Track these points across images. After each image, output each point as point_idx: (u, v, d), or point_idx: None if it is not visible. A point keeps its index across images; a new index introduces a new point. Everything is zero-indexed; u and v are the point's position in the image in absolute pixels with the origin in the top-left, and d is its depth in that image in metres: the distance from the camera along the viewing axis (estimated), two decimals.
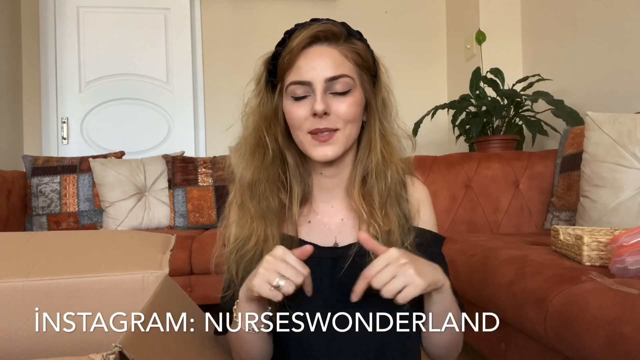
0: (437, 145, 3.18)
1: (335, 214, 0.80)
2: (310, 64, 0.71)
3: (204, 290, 1.95)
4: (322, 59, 0.71)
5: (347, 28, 0.74)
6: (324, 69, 0.71)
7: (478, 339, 1.39)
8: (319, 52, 0.72)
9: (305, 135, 0.73)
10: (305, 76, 0.71)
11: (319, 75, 0.70)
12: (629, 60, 1.99)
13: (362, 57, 0.74)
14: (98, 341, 0.66)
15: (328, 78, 0.70)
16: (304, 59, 0.71)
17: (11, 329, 0.65)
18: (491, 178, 1.99)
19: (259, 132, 0.76)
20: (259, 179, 0.75)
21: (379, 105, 0.77)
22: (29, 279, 0.66)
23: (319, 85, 0.70)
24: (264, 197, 0.75)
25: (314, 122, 0.71)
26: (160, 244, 0.79)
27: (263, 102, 0.76)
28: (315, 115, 0.70)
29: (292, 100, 0.73)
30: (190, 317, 0.75)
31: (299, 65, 0.71)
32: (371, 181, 0.75)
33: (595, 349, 0.78)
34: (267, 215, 0.74)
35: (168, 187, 2.42)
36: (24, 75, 3.05)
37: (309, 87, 0.71)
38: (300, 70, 0.71)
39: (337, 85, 0.71)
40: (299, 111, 0.72)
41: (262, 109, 0.76)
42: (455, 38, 3.23)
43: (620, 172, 1.43)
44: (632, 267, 0.90)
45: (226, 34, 3.22)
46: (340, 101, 0.71)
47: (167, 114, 3.18)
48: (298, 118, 0.72)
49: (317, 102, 0.69)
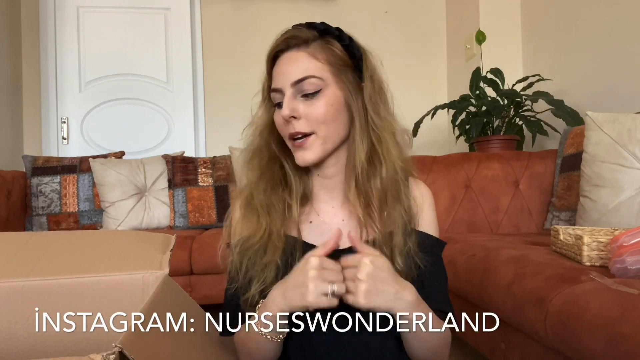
0: (437, 145, 3.18)
1: (337, 215, 0.80)
2: (280, 70, 0.74)
3: (204, 290, 1.95)
4: (289, 64, 0.73)
5: (321, 29, 0.74)
6: (291, 74, 0.72)
7: (478, 339, 1.39)
8: (286, 58, 0.74)
9: (288, 140, 0.75)
10: (277, 83, 0.74)
11: (286, 80, 0.72)
12: (629, 60, 1.99)
13: (337, 55, 0.74)
14: (98, 341, 0.66)
15: (293, 82, 0.72)
16: (277, 67, 0.75)
17: (11, 329, 0.65)
18: (491, 178, 1.99)
19: (258, 138, 0.79)
20: (261, 178, 0.78)
21: (367, 100, 0.75)
22: (29, 279, 0.66)
23: (287, 90, 0.72)
24: (266, 195, 0.77)
25: (287, 128, 0.73)
26: (160, 244, 0.79)
27: (262, 112, 0.80)
28: (286, 121, 0.73)
29: (275, 107, 0.76)
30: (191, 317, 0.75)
31: (273, 73, 0.75)
32: (362, 180, 0.74)
33: (595, 349, 0.78)
34: (270, 212, 0.76)
35: (168, 187, 2.42)
36: (24, 75, 3.05)
37: (281, 93, 0.73)
38: (274, 78, 0.75)
39: (304, 87, 0.72)
40: (277, 118, 0.75)
41: (262, 119, 0.80)
42: (455, 38, 3.23)
43: (620, 172, 1.43)
44: (632, 267, 0.90)
45: (226, 34, 3.22)
46: (310, 103, 0.72)
47: (167, 114, 3.18)
48: (278, 124, 0.75)
49: (283, 107, 0.72)
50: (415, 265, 0.73)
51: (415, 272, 0.73)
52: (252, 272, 0.73)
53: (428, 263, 0.75)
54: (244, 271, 0.73)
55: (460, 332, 1.50)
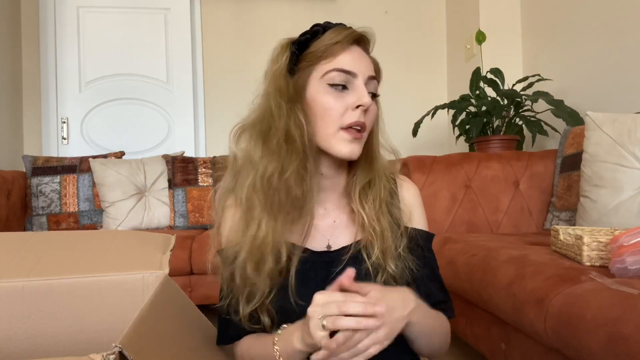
0: (437, 145, 3.18)
1: (328, 216, 0.80)
2: (355, 58, 0.72)
3: (204, 290, 1.95)
4: (364, 59, 0.73)
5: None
6: (368, 67, 0.72)
7: (478, 339, 1.39)
8: (359, 52, 0.74)
9: (337, 129, 0.70)
10: (353, 66, 0.71)
11: (364, 70, 0.72)
12: (629, 60, 1.99)
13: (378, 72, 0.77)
14: (98, 341, 0.66)
15: (371, 76, 0.72)
16: (348, 53, 0.72)
17: (11, 329, 0.65)
18: (491, 178, 1.99)
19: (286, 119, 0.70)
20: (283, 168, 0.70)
21: (379, 118, 0.79)
22: (29, 279, 0.66)
23: (363, 79, 0.71)
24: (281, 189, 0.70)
25: (353, 115, 0.69)
26: (160, 244, 0.79)
27: (284, 86, 0.71)
28: (358, 108, 0.70)
29: (331, 89, 0.70)
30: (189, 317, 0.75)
31: (344, 56, 0.71)
32: (372, 188, 0.77)
33: (595, 349, 0.78)
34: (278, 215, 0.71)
35: (168, 187, 2.42)
36: (24, 76, 3.05)
37: (353, 78, 0.71)
38: (346, 62, 0.71)
39: (372, 87, 0.73)
40: (338, 103, 0.70)
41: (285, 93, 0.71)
42: (455, 38, 3.23)
43: (620, 172, 1.43)
44: (632, 267, 0.90)
45: (226, 34, 3.22)
46: (373, 103, 0.74)
47: (167, 114, 3.18)
48: (335, 109, 0.69)
49: (365, 95, 0.69)
50: (408, 268, 0.74)
51: (409, 275, 0.74)
52: (249, 286, 0.71)
53: (420, 262, 0.76)
54: (240, 285, 0.71)
55: (461, 332, 1.50)
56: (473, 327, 1.41)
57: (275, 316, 0.71)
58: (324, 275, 0.73)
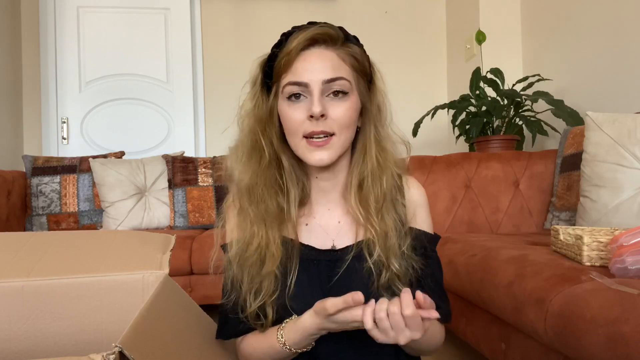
0: (437, 145, 3.18)
1: (332, 216, 0.80)
2: (307, 65, 0.70)
3: (204, 290, 1.95)
4: (319, 61, 0.70)
5: (345, 32, 0.74)
6: (322, 71, 0.69)
7: (478, 339, 1.39)
8: (317, 54, 0.71)
9: (300, 139, 0.71)
10: (303, 77, 0.69)
11: (316, 77, 0.69)
12: (629, 60, 1.99)
13: (359, 61, 0.74)
14: (98, 341, 0.66)
15: (325, 80, 0.69)
16: (302, 61, 0.70)
17: (11, 329, 0.65)
18: (491, 178, 1.99)
19: (255, 135, 0.75)
20: (257, 182, 0.74)
21: (374, 111, 0.77)
22: (29, 279, 0.66)
23: (316, 87, 0.69)
24: (262, 200, 0.74)
25: (310, 125, 0.70)
26: (160, 244, 0.79)
27: (258, 105, 0.75)
28: (312, 118, 0.69)
29: (288, 101, 0.71)
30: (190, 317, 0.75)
31: (296, 66, 0.70)
32: (367, 186, 0.75)
33: (595, 349, 0.78)
34: (266, 219, 0.73)
35: (168, 187, 2.42)
36: (24, 75, 3.05)
37: (306, 88, 0.70)
38: (298, 72, 0.70)
39: (334, 87, 0.70)
40: (295, 114, 0.70)
41: (258, 112, 0.75)
42: (455, 38, 3.23)
43: (620, 172, 1.43)
44: (632, 267, 0.90)
45: (226, 34, 3.22)
46: (337, 105, 0.71)
47: (167, 114, 3.18)
48: (294, 121, 0.70)
49: (315, 104, 0.68)
50: (412, 267, 0.74)
51: (412, 274, 0.74)
52: (252, 284, 0.72)
53: (423, 263, 0.75)
54: (244, 283, 0.72)
55: (461, 332, 1.50)
56: (473, 327, 1.41)
57: (280, 312, 0.72)
58: (328, 275, 0.74)
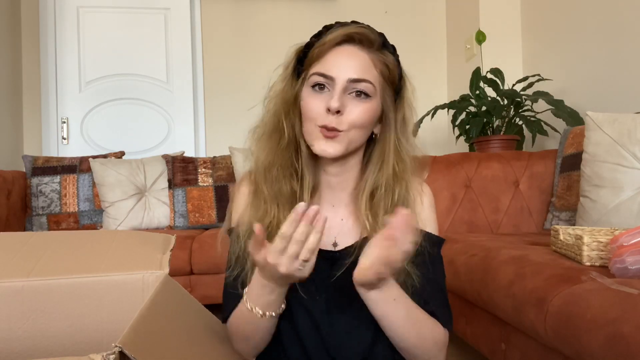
0: (437, 145, 3.18)
1: (336, 214, 0.80)
2: (338, 60, 0.71)
3: (204, 290, 1.95)
4: (350, 59, 0.72)
5: (383, 39, 0.75)
6: (350, 69, 0.71)
7: (478, 339, 1.39)
8: (349, 51, 0.72)
9: (314, 127, 0.72)
10: (331, 71, 0.71)
11: (343, 73, 0.71)
12: (629, 60, 1.99)
13: (390, 70, 0.75)
14: (98, 341, 0.66)
15: (351, 79, 0.71)
16: (334, 55, 0.72)
17: (11, 329, 0.65)
18: (491, 178, 1.99)
19: (279, 116, 0.76)
20: (274, 161, 0.75)
21: (398, 121, 0.77)
22: (29, 279, 0.66)
23: (340, 83, 0.70)
24: (277, 181, 0.75)
25: (325, 118, 0.71)
26: (160, 244, 0.79)
27: (287, 88, 0.76)
28: (329, 112, 0.70)
29: (311, 90, 0.73)
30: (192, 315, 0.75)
31: (327, 59, 0.72)
32: (379, 195, 0.75)
33: (595, 349, 0.78)
34: (279, 199, 0.75)
35: (168, 187, 2.42)
36: (24, 75, 3.05)
37: (331, 82, 0.71)
38: (327, 64, 0.72)
39: (357, 88, 0.71)
40: (315, 103, 0.72)
41: (285, 95, 0.76)
42: (455, 38, 3.23)
43: (620, 172, 1.43)
44: (632, 267, 0.90)
45: (226, 34, 3.22)
46: (356, 105, 0.72)
47: (167, 114, 3.18)
48: (312, 109, 0.72)
49: (334, 99, 0.69)
50: (414, 269, 0.73)
51: (415, 279, 0.73)
52: None
53: (426, 267, 0.74)
54: (249, 258, 0.72)
55: (460, 332, 1.50)
56: (473, 327, 1.41)
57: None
58: (327, 272, 0.74)
